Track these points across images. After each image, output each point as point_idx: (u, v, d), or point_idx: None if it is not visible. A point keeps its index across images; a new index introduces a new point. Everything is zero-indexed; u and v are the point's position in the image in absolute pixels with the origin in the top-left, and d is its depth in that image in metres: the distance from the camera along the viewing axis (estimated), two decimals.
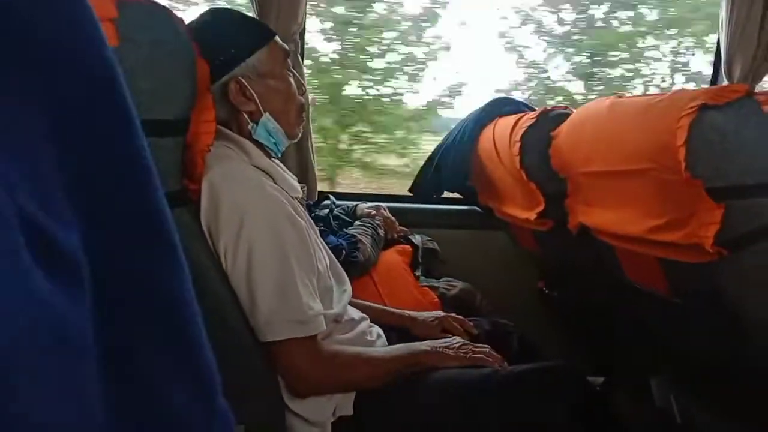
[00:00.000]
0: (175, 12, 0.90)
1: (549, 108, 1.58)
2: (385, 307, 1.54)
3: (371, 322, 1.41)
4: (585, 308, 1.90)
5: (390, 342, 1.31)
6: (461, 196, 2.40)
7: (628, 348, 1.73)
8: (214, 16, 1.21)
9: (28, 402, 0.22)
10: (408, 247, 2.03)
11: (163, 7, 0.90)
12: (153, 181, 0.32)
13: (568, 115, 1.47)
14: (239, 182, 1.08)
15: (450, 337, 1.32)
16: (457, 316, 1.48)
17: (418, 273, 1.95)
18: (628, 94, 1.29)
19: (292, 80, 1.25)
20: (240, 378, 0.99)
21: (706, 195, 0.99)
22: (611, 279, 1.42)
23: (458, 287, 1.89)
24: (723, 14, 2.36)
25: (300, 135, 1.30)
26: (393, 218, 2.06)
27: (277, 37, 1.23)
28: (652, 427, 1.64)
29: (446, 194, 2.37)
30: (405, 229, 2.11)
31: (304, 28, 2.31)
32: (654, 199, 1.13)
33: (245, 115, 1.18)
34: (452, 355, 1.22)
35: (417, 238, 2.12)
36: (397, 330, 1.42)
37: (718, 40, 2.44)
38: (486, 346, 1.26)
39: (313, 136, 2.40)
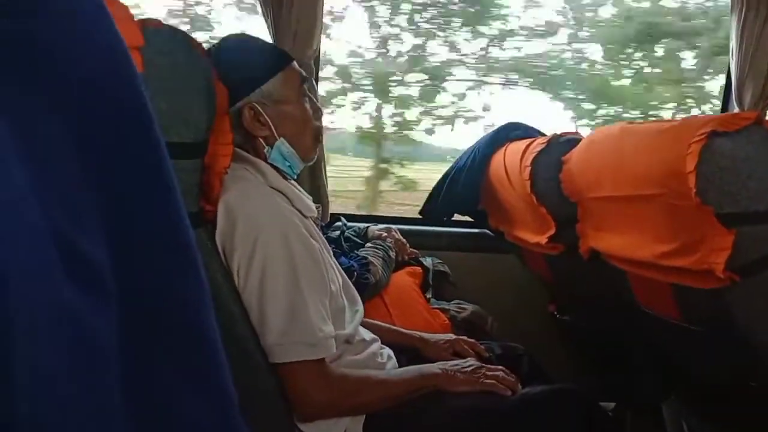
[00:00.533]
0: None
1: (559, 133, 1.59)
2: (396, 328, 1.54)
3: (382, 343, 1.41)
4: (596, 332, 1.89)
5: (400, 364, 1.30)
6: (472, 220, 2.41)
7: (639, 372, 1.71)
8: (231, 42, 1.24)
9: (57, 411, 0.23)
10: (419, 269, 2.03)
11: (182, 32, 0.93)
12: (178, 201, 0.34)
13: (578, 140, 1.48)
14: (254, 202, 1.10)
15: (462, 359, 1.31)
16: (468, 339, 1.48)
17: (428, 295, 1.95)
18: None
19: (308, 105, 1.27)
20: (250, 397, 1.00)
21: (717, 221, 1.00)
22: (622, 303, 1.42)
23: (469, 310, 1.89)
24: (733, 41, 2.37)
25: (315, 158, 1.31)
26: (404, 240, 2.07)
27: (294, 63, 1.25)
28: None
29: (457, 217, 2.38)
30: (416, 251, 2.12)
31: (319, 53, 2.34)
32: (665, 224, 1.13)
33: (260, 140, 1.20)
34: (464, 379, 1.21)
35: (428, 261, 2.13)
36: (407, 352, 1.41)
37: (729, 66, 2.45)
38: (500, 368, 1.25)
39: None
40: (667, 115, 3.30)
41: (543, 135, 1.91)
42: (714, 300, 1.07)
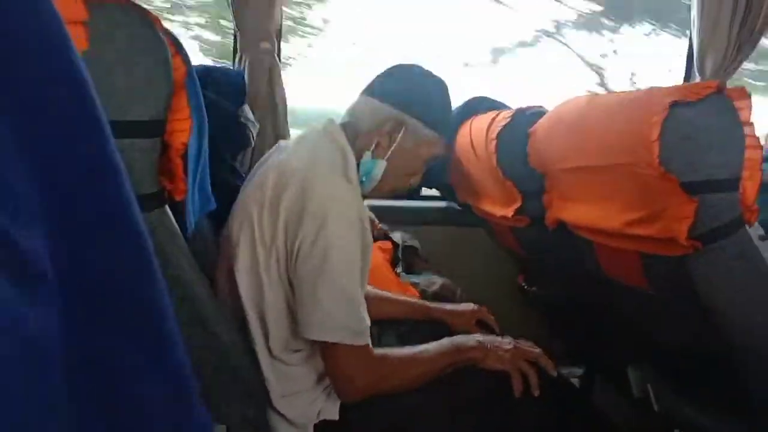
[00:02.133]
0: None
1: (524, 107, 1.59)
2: (420, 302, 1.56)
3: (406, 317, 1.46)
4: (564, 302, 1.92)
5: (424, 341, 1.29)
6: (440, 193, 2.41)
7: (606, 340, 1.75)
8: (443, 82, 1.29)
9: None
10: (388, 245, 2.03)
11: (138, 5, 0.89)
12: (123, 184, 0.32)
13: (544, 112, 1.49)
14: (332, 184, 1.10)
15: (500, 336, 1.31)
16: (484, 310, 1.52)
17: (398, 270, 1.95)
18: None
19: (420, 170, 1.31)
20: (220, 379, 0.99)
21: (680, 189, 1.01)
22: (589, 273, 1.44)
23: (438, 283, 1.90)
24: (694, 12, 2.40)
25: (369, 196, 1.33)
26: (373, 215, 2.06)
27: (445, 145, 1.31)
28: (630, 416, 1.66)
29: (425, 191, 2.38)
30: (385, 226, 2.12)
31: (281, 28, 2.30)
32: (630, 193, 1.14)
33: (374, 144, 1.22)
34: (502, 357, 1.21)
35: (397, 236, 2.13)
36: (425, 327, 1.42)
37: (690, 37, 2.48)
38: (538, 350, 1.25)
39: None
40: None
41: (509, 108, 1.91)
42: (678, 267, 1.09)
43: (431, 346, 1.21)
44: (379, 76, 1.27)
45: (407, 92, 1.23)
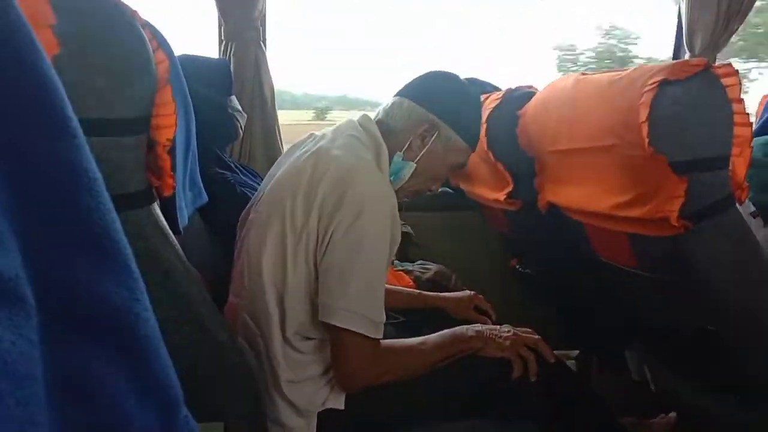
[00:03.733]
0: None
1: (514, 87, 1.58)
2: (417, 292, 1.57)
3: (403, 306, 1.46)
4: (558, 284, 1.93)
5: (420, 333, 1.29)
6: None
7: (601, 322, 1.76)
8: (477, 94, 1.33)
9: None
10: None
11: (118, 2, 0.87)
12: (99, 189, 0.31)
13: (533, 94, 1.48)
14: (370, 175, 1.11)
15: (499, 325, 1.32)
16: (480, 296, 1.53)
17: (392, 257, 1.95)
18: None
19: (445, 176, 1.34)
20: (215, 377, 0.98)
21: (670, 169, 1.01)
22: (581, 255, 1.44)
23: (433, 270, 1.90)
24: None
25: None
26: None
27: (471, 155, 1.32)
28: (628, 397, 1.68)
29: None
30: None
31: (265, 15, 2.27)
32: (620, 175, 1.14)
33: (407, 143, 1.24)
34: (502, 345, 1.22)
35: None
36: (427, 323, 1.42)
37: (679, 13, 2.47)
38: (537, 337, 1.26)
39: None
40: None
41: (498, 90, 1.90)
42: (669, 247, 1.09)
43: (431, 338, 1.22)
44: (417, 79, 1.29)
45: (444, 99, 1.25)
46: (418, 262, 1.99)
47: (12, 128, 0.27)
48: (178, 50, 1.03)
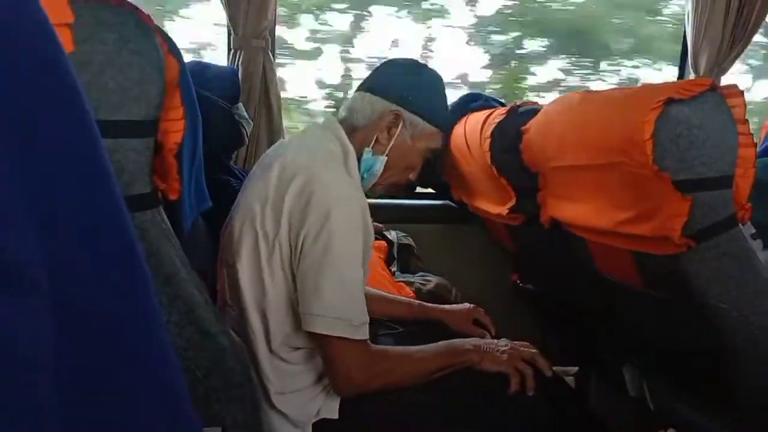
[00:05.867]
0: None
1: (519, 103, 1.59)
2: (417, 302, 1.56)
3: (402, 317, 1.46)
4: (559, 300, 1.92)
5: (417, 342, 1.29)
6: (434, 191, 2.41)
7: (601, 338, 1.75)
8: (438, 74, 1.31)
9: None
10: (383, 243, 2.03)
11: (130, 4, 0.88)
12: (114, 189, 0.31)
13: (537, 110, 1.49)
14: (335, 178, 1.11)
15: (497, 339, 1.31)
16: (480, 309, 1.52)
17: (393, 269, 1.95)
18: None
19: (420, 164, 1.32)
20: (214, 380, 0.98)
21: (674, 187, 1.01)
22: (584, 271, 1.44)
23: (433, 282, 1.90)
24: (689, 7, 2.40)
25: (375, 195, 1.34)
26: None
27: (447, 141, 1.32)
28: (626, 414, 1.67)
29: (420, 189, 2.38)
30: (380, 225, 2.11)
31: (274, 26, 2.29)
32: (623, 192, 1.14)
33: (373, 139, 1.23)
34: (498, 359, 1.21)
35: (392, 234, 2.12)
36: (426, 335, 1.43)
37: (684, 33, 2.48)
38: (534, 350, 1.25)
39: None
40: None
41: (503, 105, 1.90)
42: (672, 266, 1.09)
43: (428, 347, 1.22)
44: (376, 71, 1.28)
45: (404, 86, 1.24)
46: (419, 274, 1.99)
47: (35, 120, 0.27)
48: (187, 57, 1.04)
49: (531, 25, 2.95)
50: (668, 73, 2.82)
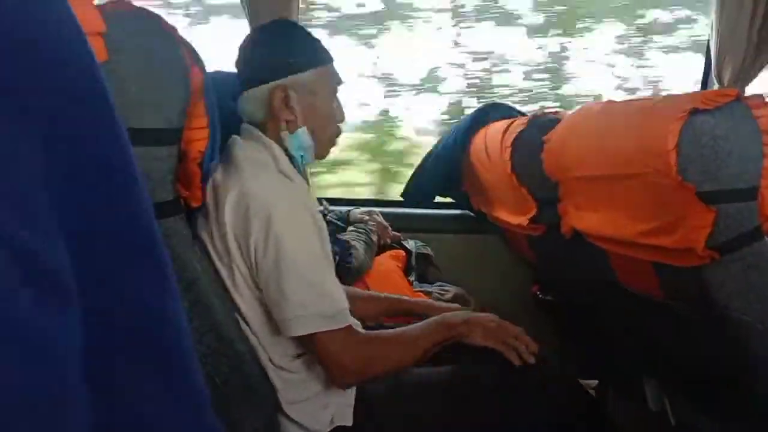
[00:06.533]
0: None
1: (539, 113, 1.59)
2: (405, 298, 1.56)
3: (387, 312, 1.47)
4: (579, 312, 1.90)
5: (439, 356, 1.27)
6: (454, 201, 2.41)
7: (621, 351, 1.73)
8: (279, 25, 1.27)
9: (14, 422, 0.22)
10: (402, 252, 2.03)
11: (156, 15, 0.90)
12: (141, 194, 0.32)
13: (558, 120, 1.48)
14: (265, 183, 1.11)
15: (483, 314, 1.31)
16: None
17: (411, 278, 1.95)
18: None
19: (336, 104, 1.27)
20: (232, 387, 0.99)
21: (697, 199, 1.00)
22: (604, 282, 1.43)
23: (452, 292, 1.89)
24: (713, 17, 2.37)
25: (326, 156, 1.31)
26: (386, 223, 2.06)
27: (333, 64, 1.26)
28: (645, 429, 1.64)
29: (439, 199, 2.38)
30: (398, 234, 2.11)
31: None
32: (646, 202, 1.13)
33: (283, 123, 1.21)
34: (487, 334, 1.21)
35: (410, 243, 2.12)
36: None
37: (708, 43, 2.46)
38: (520, 328, 1.25)
39: None
40: None
41: (523, 115, 1.90)
42: (694, 278, 1.07)
43: (418, 326, 1.22)
44: (237, 72, 1.26)
45: (262, 62, 1.21)
46: (437, 283, 1.98)
47: (67, 126, 0.28)
48: (210, 67, 1.06)
49: None
50: None
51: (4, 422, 0.21)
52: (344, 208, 2.08)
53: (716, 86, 2.40)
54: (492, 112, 1.99)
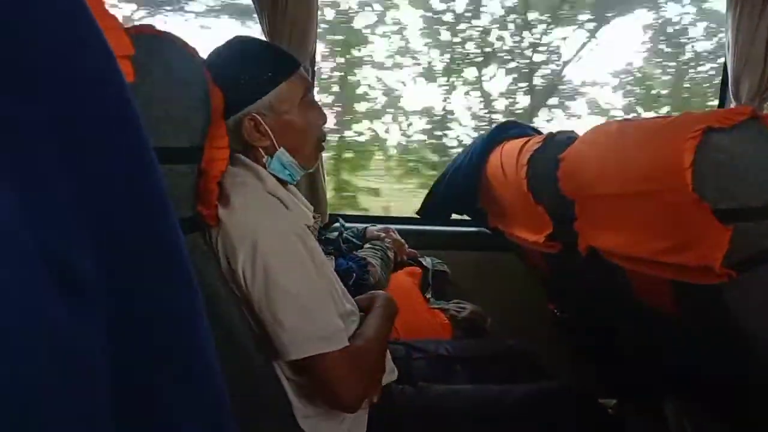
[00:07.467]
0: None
1: (555, 132, 1.59)
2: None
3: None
4: (596, 330, 1.89)
5: (458, 374, 1.32)
6: (470, 218, 2.41)
7: (640, 371, 1.71)
8: (233, 46, 1.21)
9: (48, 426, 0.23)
10: (418, 269, 2.03)
11: (177, 37, 0.92)
12: (167, 207, 0.33)
13: (575, 138, 1.48)
14: (252, 207, 1.09)
15: None
16: None
17: (428, 295, 1.95)
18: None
19: (310, 111, 1.24)
20: (252, 401, 1.00)
21: (714, 217, 1.00)
22: (622, 301, 1.42)
23: (468, 309, 1.89)
24: (729, 36, 2.37)
25: (316, 165, 1.30)
26: (402, 240, 2.07)
27: (301, 69, 1.23)
28: None
29: (455, 216, 2.38)
30: (414, 251, 2.12)
31: (314, 53, 2.34)
32: (662, 221, 1.13)
33: (260, 150, 1.19)
34: None
35: (427, 260, 2.13)
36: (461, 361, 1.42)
37: (725, 61, 2.45)
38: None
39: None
40: None
41: (539, 133, 1.91)
42: (712, 296, 1.07)
43: (376, 319, 1.24)
44: None
45: (225, 95, 1.10)
46: (454, 300, 1.98)
47: (96, 142, 0.29)
48: None
49: None
50: None
51: (42, 427, 0.22)
52: (360, 225, 2.09)
53: (733, 104, 2.39)
54: (508, 130, 2.00)
